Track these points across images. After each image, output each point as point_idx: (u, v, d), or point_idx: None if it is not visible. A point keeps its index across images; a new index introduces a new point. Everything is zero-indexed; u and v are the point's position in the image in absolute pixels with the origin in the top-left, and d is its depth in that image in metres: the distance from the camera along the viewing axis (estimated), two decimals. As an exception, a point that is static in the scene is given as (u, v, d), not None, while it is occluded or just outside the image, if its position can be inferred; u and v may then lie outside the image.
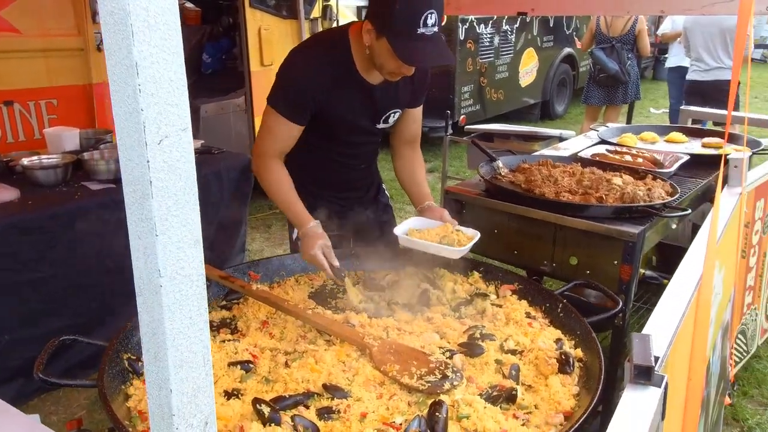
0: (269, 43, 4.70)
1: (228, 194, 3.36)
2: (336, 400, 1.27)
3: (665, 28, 6.60)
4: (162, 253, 0.42)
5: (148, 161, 0.39)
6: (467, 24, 6.91)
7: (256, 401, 1.24)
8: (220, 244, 3.36)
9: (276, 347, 1.50)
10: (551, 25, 8.44)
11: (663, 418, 0.98)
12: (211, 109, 4.86)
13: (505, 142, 3.91)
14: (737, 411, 2.57)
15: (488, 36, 7.30)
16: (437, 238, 1.78)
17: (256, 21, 4.60)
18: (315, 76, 1.82)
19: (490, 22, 7.27)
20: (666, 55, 9.85)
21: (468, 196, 2.26)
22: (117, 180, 2.85)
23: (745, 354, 2.56)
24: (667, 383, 0.97)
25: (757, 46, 13.26)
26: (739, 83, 5.33)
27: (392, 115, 2.00)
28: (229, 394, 1.30)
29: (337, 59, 1.83)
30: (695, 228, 3.14)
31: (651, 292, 3.13)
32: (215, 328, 1.63)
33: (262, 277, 1.90)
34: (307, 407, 1.26)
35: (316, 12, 5.14)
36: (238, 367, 1.39)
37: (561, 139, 3.74)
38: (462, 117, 7.18)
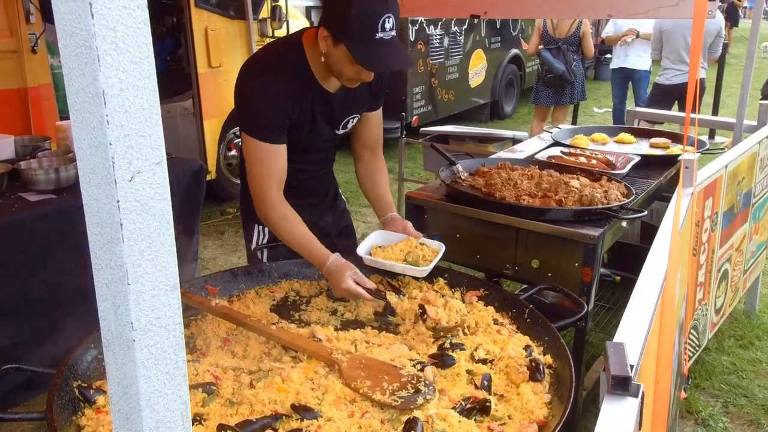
0: (217, 44, 4.56)
1: (178, 201, 3.22)
2: (306, 421, 1.21)
3: (608, 31, 6.83)
4: (135, 303, 0.36)
5: (118, 201, 0.34)
6: (417, 25, 6.94)
7: (221, 428, 1.18)
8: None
9: (239, 366, 1.43)
10: (498, 27, 8.59)
11: (640, 427, 0.99)
12: (157, 113, 4.67)
13: (461, 144, 3.94)
14: (691, 404, 2.67)
15: (438, 37, 7.35)
16: (402, 254, 1.76)
17: (202, 21, 4.46)
18: (281, 96, 1.76)
19: (440, 23, 7.32)
20: (608, 56, 10.22)
21: (429, 201, 2.25)
22: (58, 190, 2.68)
23: (698, 348, 2.66)
24: (643, 393, 0.97)
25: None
26: (704, 84, 5.55)
27: (351, 120, 1.96)
28: (192, 421, 1.23)
29: (295, 71, 1.78)
30: (644, 225, 3.25)
31: (604, 289, 3.21)
32: (173, 348, 1.54)
33: (221, 291, 1.82)
34: (275, 430, 1.20)
35: (265, 12, 5.03)
36: (200, 389, 1.32)
37: (515, 140, 3.79)
38: (415, 118, 7.20)
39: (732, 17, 14.68)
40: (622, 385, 0.95)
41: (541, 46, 6.05)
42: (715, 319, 2.80)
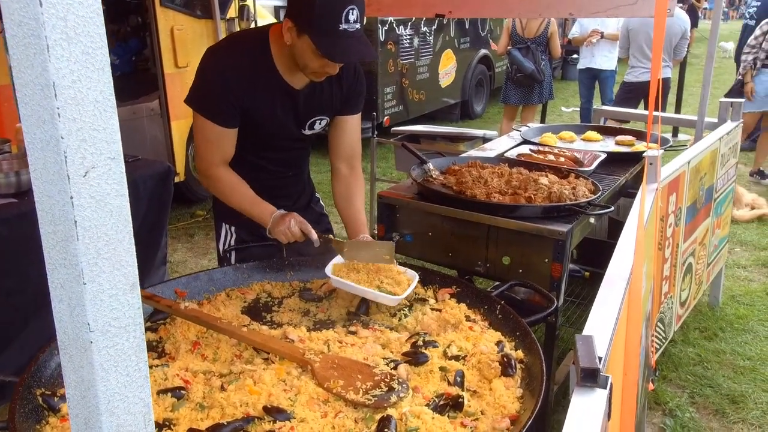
0: (183, 43, 4.49)
1: (145, 204, 3.15)
2: (278, 423, 1.20)
3: (574, 32, 6.95)
4: (91, 303, 0.35)
5: (71, 197, 0.33)
6: (387, 25, 6.95)
7: (192, 431, 1.16)
8: (139, 257, 3.15)
9: (210, 370, 1.41)
10: (467, 27, 8.67)
11: (609, 418, 1.00)
12: (122, 114, 4.57)
13: (432, 144, 3.95)
14: (659, 395, 2.73)
15: (408, 37, 7.38)
16: (374, 275, 1.71)
17: (168, 20, 4.38)
18: (235, 77, 1.75)
19: (409, 23, 7.35)
20: (575, 56, 10.41)
21: (401, 200, 2.25)
22: (19, 194, 2.60)
23: (664, 341, 2.73)
24: (611, 384, 0.99)
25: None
26: (668, 83, 5.69)
27: (318, 121, 1.94)
28: (161, 426, 1.20)
29: (257, 61, 1.77)
30: (611, 222, 3.31)
31: (574, 285, 3.27)
32: (141, 353, 1.51)
33: (190, 294, 1.78)
34: (248, 433, 1.19)
35: (233, 12, 4.98)
36: (169, 394, 1.29)
37: (485, 139, 3.82)
38: (386, 118, 7.21)
39: (692, 18, 15.08)
40: (591, 377, 0.96)
41: (509, 47, 6.13)
42: (681, 311, 2.87)
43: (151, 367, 1.42)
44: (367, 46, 1.67)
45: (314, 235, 1.76)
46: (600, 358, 1.01)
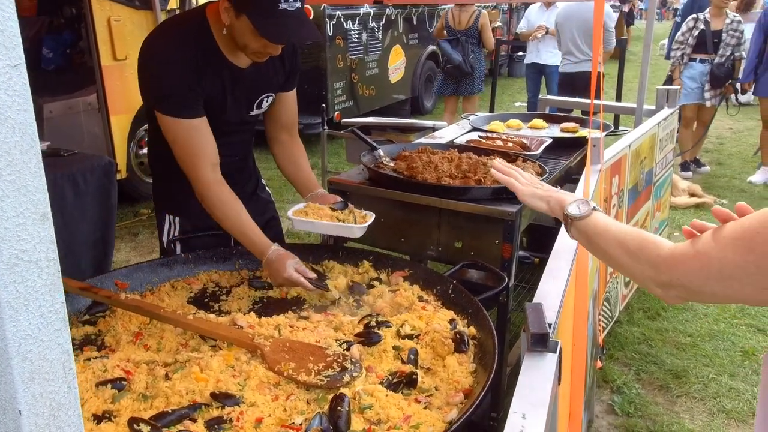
0: (121, 35, 4.31)
1: (89, 200, 3.01)
2: (227, 409, 1.16)
3: (522, 27, 7.10)
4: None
5: (-36, 107, 0.29)
6: (335, 20, 6.90)
7: (133, 420, 1.10)
8: (84, 255, 3.01)
9: (153, 359, 1.34)
10: (415, 23, 8.71)
11: (559, 383, 1.01)
12: (57, 109, 4.35)
13: (383, 134, 3.94)
14: (606, 373, 2.81)
15: (356, 32, 7.35)
16: (332, 218, 1.73)
17: (104, 11, 4.19)
18: (182, 64, 1.67)
19: (357, 18, 7.32)
20: (520, 53, 10.64)
21: (351, 185, 2.23)
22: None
23: (611, 320, 2.81)
24: (561, 348, 1.00)
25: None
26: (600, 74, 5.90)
27: (266, 99, 1.89)
28: (100, 418, 1.14)
29: (200, 44, 1.70)
30: (559, 208, 3.39)
31: (524, 272, 3.33)
32: (78, 346, 1.43)
33: (132, 286, 1.70)
34: (194, 420, 1.14)
35: (174, 2, 4.82)
36: (109, 386, 1.22)
37: (435, 129, 3.84)
38: (336, 113, 7.16)
39: (628, 17, 15.71)
40: (541, 342, 0.97)
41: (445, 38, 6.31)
42: (625, 291, 2.97)
43: (89, 359, 1.34)
44: (309, 26, 1.63)
45: (309, 285, 1.64)
46: (550, 325, 1.02)
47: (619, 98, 5.83)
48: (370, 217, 1.77)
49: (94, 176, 3.04)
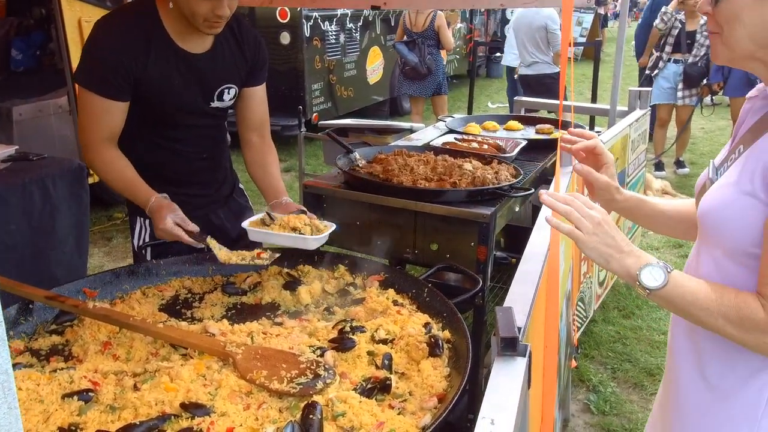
0: (94, 36, 4.23)
1: (59, 205, 2.94)
2: (197, 419, 1.13)
3: (509, 42, 7.28)
4: None
5: None
6: (312, 21, 6.88)
7: (100, 434, 1.07)
8: (56, 262, 2.94)
9: (122, 370, 1.31)
10: (392, 25, 8.73)
11: (529, 386, 1.01)
12: (26, 112, 4.26)
13: (360, 136, 3.93)
14: (582, 372, 2.84)
15: (334, 34, 7.33)
16: (290, 229, 1.70)
17: (74, 12, 4.12)
18: (125, 43, 1.68)
19: (335, 19, 7.31)
20: (497, 54, 10.74)
21: (327, 189, 2.22)
22: None
23: (585, 319, 2.85)
24: (530, 352, 1.00)
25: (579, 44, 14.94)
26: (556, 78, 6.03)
27: (226, 90, 1.87)
28: (66, 431, 1.11)
29: (147, 28, 1.70)
30: (535, 209, 3.42)
31: (502, 272, 3.35)
32: (44, 356, 1.40)
33: (101, 294, 1.67)
34: (164, 432, 1.12)
35: (148, 3, 4.74)
36: (75, 398, 1.19)
37: (412, 131, 3.85)
38: (314, 115, 7.14)
39: (603, 19, 15.96)
40: (511, 346, 0.97)
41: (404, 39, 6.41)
42: (599, 291, 3.00)
43: (55, 370, 1.31)
44: None
45: (186, 237, 1.65)
46: (519, 328, 1.02)
47: (594, 99, 5.91)
48: (329, 228, 1.71)
49: (64, 181, 2.97)
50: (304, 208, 1.83)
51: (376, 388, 1.25)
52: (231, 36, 1.85)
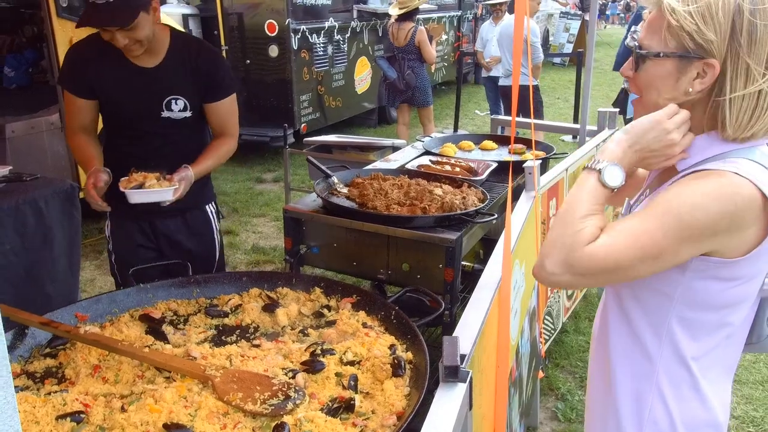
0: (84, 54, 4.35)
1: (51, 225, 3.05)
2: (179, 439, 1.27)
3: (478, 45, 7.46)
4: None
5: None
6: (299, 34, 7.01)
7: (91, 454, 1.20)
8: (49, 281, 3.05)
9: (110, 392, 1.45)
10: (380, 35, 8.87)
11: (471, 407, 1.15)
12: (19, 129, 4.36)
13: (343, 153, 4.07)
14: (552, 381, 2.99)
15: (321, 45, 7.47)
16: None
17: (65, 31, 4.23)
18: (83, 53, 2.13)
19: (322, 31, 7.44)
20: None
21: (306, 214, 2.35)
22: None
23: (553, 331, 2.99)
24: (471, 378, 1.14)
25: (554, 55, 15.17)
26: (536, 90, 6.20)
27: (174, 101, 2.16)
28: (60, 452, 1.24)
29: (104, 43, 2.05)
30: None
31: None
32: (39, 379, 1.52)
33: (92, 317, 1.80)
34: (148, 451, 1.24)
35: (138, 22, 4.86)
36: (68, 419, 1.32)
37: (394, 148, 3.99)
38: (303, 125, 7.27)
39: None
40: (453, 373, 1.11)
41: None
42: (568, 303, 3.15)
43: (49, 393, 1.44)
44: (114, 15, 1.92)
45: (91, 193, 2.04)
46: (463, 356, 1.16)
47: (576, 111, 6.08)
48: (176, 182, 2.04)
49: (56, 201, 3.08)
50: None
51: (342, 408, 1.39)
52: (186, 55, 2.15)
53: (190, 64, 2.15)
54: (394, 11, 6.24)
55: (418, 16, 6.58)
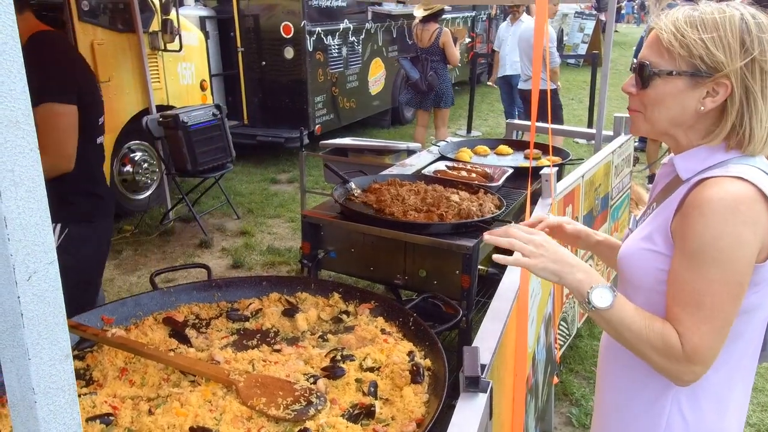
0: (104, 58, 4.42)
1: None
2: (206, 442, 1.31)
3: (495, 45, 7.44)
4: (35, 373, 0.46)
5: (18, 297, 0.44)
6: (315, 36, 7.06)
7: (122, 456, 1.24)
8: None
9: (137, 395, 1.49)
10: (395, 36, 8.90)
11: (491, 417, 1.18)
12: (41, 130, 4.44)
13: (359, 156, 4.11)
14: (566, 386, 3.00)
15: (336, 47, 7.51)
16: None
17: (87, 35, 4.31)
18: (74, 59, 2.24)
19: (337, 33, 7.49)
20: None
21: (324, 219, 2.39)
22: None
23: (568, 337, 3.00)
24: (492, 388, 1.17)
25: (569, 56, 15.08)
26: (555, 94, 6.19)
27: None
28: (91, 453, 1.28)
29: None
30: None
31: (494, 288, 3.50)
32: (69, 382, 1.57)
33: (117, 320, 1.84)
34: (176, 453, 1.28)
35: (156, 25, 4.93)
36: (98, 421, 1.37)
37: (409, 151, 4.02)
38: (318, 126, 7.32)
39: (604, 25, 16.07)
40: (474, 384, 1.14)
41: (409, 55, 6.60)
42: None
43: (79, 395, 1.48)
44: None
45: None
46: (483, 366, 1.19)
47: (591, 114, 6.06)
48: None
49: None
50: None
51: (362, 414, 1.42)
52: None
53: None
54: (419, 12, 6.26)
55: (444, 17, 6.63)
